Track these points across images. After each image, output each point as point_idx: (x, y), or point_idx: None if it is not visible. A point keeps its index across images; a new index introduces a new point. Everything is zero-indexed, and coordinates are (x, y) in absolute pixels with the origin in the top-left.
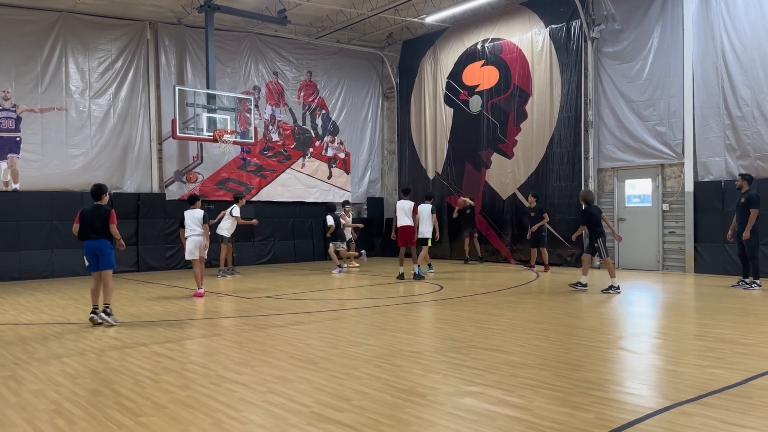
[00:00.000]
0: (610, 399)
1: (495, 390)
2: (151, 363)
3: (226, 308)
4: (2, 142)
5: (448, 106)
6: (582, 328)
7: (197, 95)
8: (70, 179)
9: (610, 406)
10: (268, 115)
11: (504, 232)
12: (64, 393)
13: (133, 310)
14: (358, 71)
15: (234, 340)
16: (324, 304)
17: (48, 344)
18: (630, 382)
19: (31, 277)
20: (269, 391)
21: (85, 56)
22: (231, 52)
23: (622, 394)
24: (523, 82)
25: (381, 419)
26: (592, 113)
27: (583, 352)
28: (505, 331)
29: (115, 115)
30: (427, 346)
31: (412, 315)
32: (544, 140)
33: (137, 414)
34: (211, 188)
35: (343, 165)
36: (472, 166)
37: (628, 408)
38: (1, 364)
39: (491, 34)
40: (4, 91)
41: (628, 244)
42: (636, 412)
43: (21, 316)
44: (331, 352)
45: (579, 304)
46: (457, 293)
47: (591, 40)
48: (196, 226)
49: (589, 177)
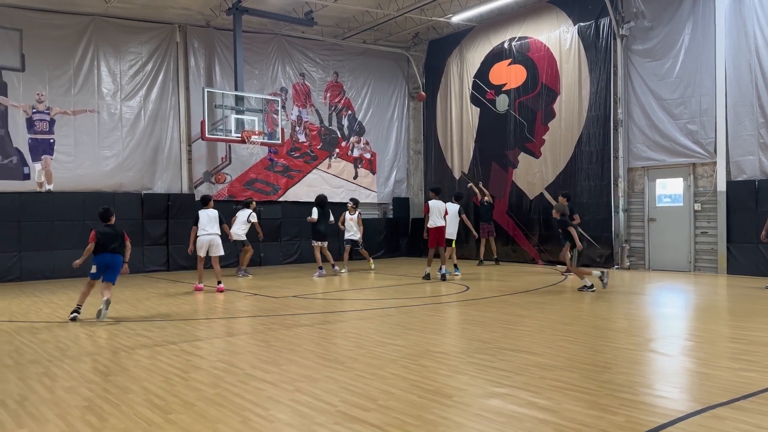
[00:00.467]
0: (640, 402)
1: (522, 392)
2: (181, 361)
3: (253, 307)
4: (37, 144)
5: (474, 105)
6: (611, 329)
7: (226, 97)
8: (102, 180)
9: (640, 409)
10: (295, 116)
11: (531, 232)
12: (95, 390)
13: (163, 309)
14: (384, 71)
15: (261, 339)
16: (350, 303)
17: (80, 342)
18: (661, 384)
19: (63, 276)
20: (296, 390)
21: (117, 59)
22: (259, 54)
23: (652, 397)
24: (550, 81)
25: (407, 419)
26: (621, 112)
27: (613, 354)
28: (533, 333)
29: (146, 117)
30: (454, 347)
31: (439, 315)
32: (573, 139)
33: (167, 411)
34: (239, 188)
35: (369, 165)
36: (498, 165)
37: (658, 411)
38: (35, 360)
39: (518, 32)
40: (39, 94)
41: (658, 245)
42: (666, 415)
43: (54, 314)
44: (358, 352)
45: (609, 305)
46: (484, 294)
47: (620, 37)
48: (211, 225)
49: (619, 176)
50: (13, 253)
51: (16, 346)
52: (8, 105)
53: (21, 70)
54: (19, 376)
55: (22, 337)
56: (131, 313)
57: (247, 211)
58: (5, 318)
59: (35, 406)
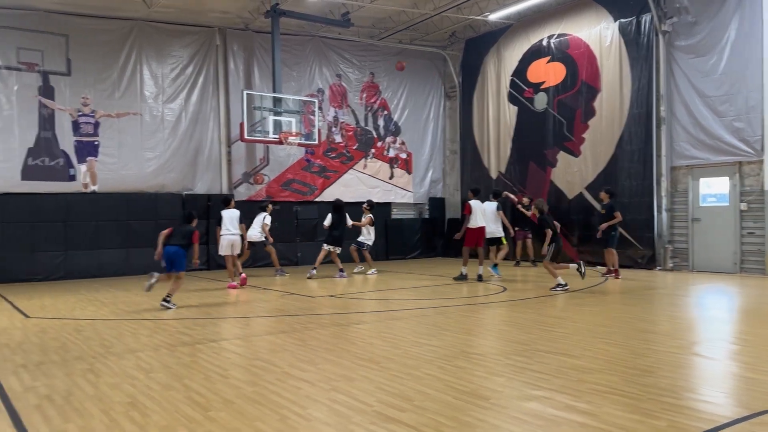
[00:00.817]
0: (684, 406)
1: (561, 395)
2: (220, 359)
3: (290, 306)
4: (82, 146)
5: (512, 104)
6: (654, 332)
7: (264, 99)
8: (145, 181)
9: (684, 413)
10: (332, 117)
11: (570, 233)
12: (138, 386)
13: (204, 307)
14: (420, 71)
15: (298, 338)
16: (386, 303)
17: (124, 339)
18: (705, 389)
19: (108, 275)
20: (333, 389)
21: (159, 62)
22: (296, 56)
23: (696, 401)
24: (590, 78)
25: (443, 421)
26: (664, 109)
27: (655, 358)
28: (572, 335)
29: (187, 119)
30: (490, 348)
31: (475, 316)
32: (614, 138)
33: (207, 409)
34: (276, 189)
35: (405, 165)
36: (536, 165)
37: (703, 416)
38: (80, 357)
39: (557, 29)
40: (84, 97)
41: (702, 246)
42: (712, 420)
43: (99, 312)
44: (393, 352)
45: (651, 307)
46: (521, 295)
47: (663, 33)
48: (233, 225)
49: (662, 175)
50: (59, 252)
51: (62, 342)
52: (55, 108)
53: (67, 74)
54: (65, 372)
55: (67, 334)
56: (172, 312)
57: (263, 214)
58: (52, 315)
59: (80, 401)
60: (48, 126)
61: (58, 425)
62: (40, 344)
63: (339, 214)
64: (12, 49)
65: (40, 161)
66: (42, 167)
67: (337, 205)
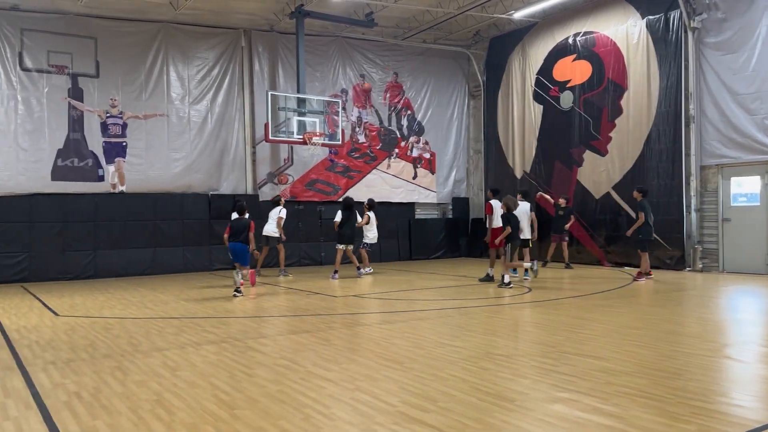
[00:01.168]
0: (714, 410)
1: (588, 397)
2: (245, 357)
3: (314, 306)
4: (110, 147)
5: (537, 102)
6: (683, 334)
7: (288, 99)
8: (172, 181)
9: (714, 418)
10: (355, 117)
11: (597, 232)
12: (165, 384)
13: (229, 306)
14: (444, 70)
15: (322, 337)
16: (409, 304)
17: (151, 337)
18: (736, 393)
19: (135, 274)
20: (356, 389)
21: (185, 64)
22: (320, 57)
23: (727, 405)
24: (617, 76)
25: (468, 422)
26: (693, 107)
27: (684, 360)
28: (599, 337)
29: (213, 120)
30: (515, 350)
31: (500, 317)
32: (641, 136)
33: (232, 407)
34: (300, 189)
35: (429, 165)
36: (562, 164)
37: (733, 420)
38: (108, 355)
39: (583, 27)
40: (112, 99)
41: (733, 247)
42: (743, 425)
43: (126, 311)
44: (417, 352)
45: (680, 309)
46: (547, 296)
47: (691, 30)
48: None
49: (691, 175)
50: (88, 252)
51: (90, 340)
52: (84, 110)
53: (96, 76)
54: (93, 369)
55: (96, 332)
56: (198, 310)
57: (277, 208)
58: (81, 313)
59: (108, 398)
60: (77, 127)
61: (87, 422)
62: (69, 342)
63: (349, 212)
64: (42, 52)
65: (70, 162)
66: (71, 168)
67: (347, 204)
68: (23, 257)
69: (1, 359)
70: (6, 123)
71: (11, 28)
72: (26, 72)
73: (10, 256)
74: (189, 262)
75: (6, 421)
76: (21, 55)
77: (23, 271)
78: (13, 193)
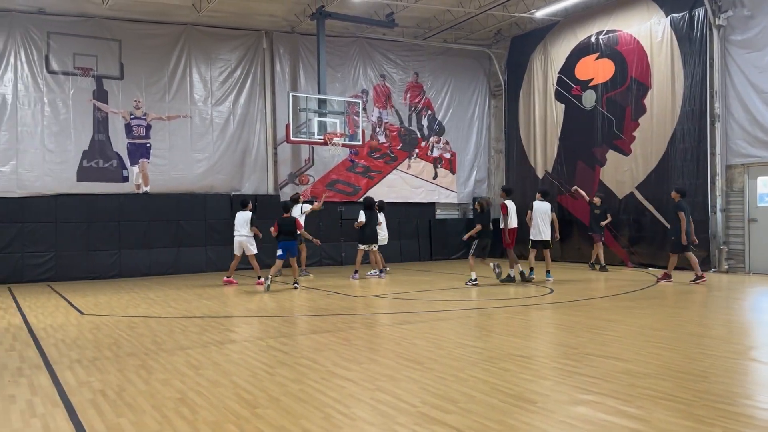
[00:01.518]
0: (740, 414)
1: (611, 399)
2: (267, 356)
3: (335, 306)
4: (135, 148)
5: (559, 102)
6: (708, 336)
7: (309, 100)
8: (195, 182)
9: (739, 421)
10: (375, 118)
11: (620, 233)
12: (188, 383)
13: (251, 305)
14: (465, 70)
15: (343, 337)
16: (430, 304)
17: (174, 336)
18: (762, 396)
19: (159, 273)
20: (377, 389)
21: (207, 66)
22: (341, 57)
23: (753, 408)
24: (641, 75)
25: (489, 424)
26: (718, 106)
27: (709, 363)
28: (622, 338)
29: (235, 121)
30: (537, 351)
31: (521, 318)
32: (666, 135)
33: (254, 406)
34: (321, 189)
35: (449, 165)
36: (585, 164)
37: (759, 424)
38: (133, 353)
39: (606, 26)
40: (136, 101)
41: (759, 247)
42: None
43: (150, 310)
44: (437, 353)
45: (705, 311)
46: (569, 297)
47: (717, 28)
48: (244, 227)
49: (716, 174)
50: (113, 251)
51: (115, 339)
52: (109, 111)
53: (120, 78)
54: (118, 367)
55: (120, 330)
56: (221, 310)
57: (297, 206)
58: (106, 312)
59: (132, 396)
60: (102, 129)
61: (111, 419)
62: (94, 340)
63: (371, 211)
64: (68, 55)
65: (95, 163)
66: (96, 169)
67: (368, 204)
68: (50, 257)
69: (29, 358)
70: (33, 125)
71: (38, 31)
72: (52, 74)
73: (37, 255)
74: (211, 261)
75: (33, 418)
76: (47, 57)
77: (50, 271)
78: (39, 193)
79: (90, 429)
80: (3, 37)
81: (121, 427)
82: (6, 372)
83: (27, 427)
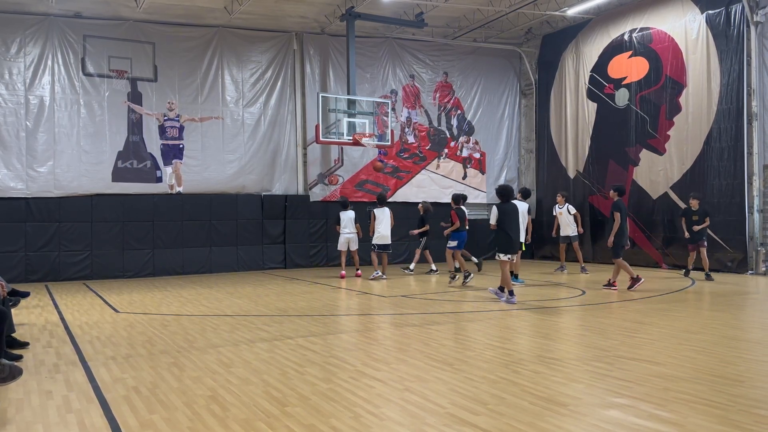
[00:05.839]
0: None
1: (644, 403)
2: (297, 355)
3: (363, 306)
4: (168, 149)
5: (591, 100)
6: (745, 340)
7: (338, 101)
8: (227, 182)
9: None
10: (405, 118)
11: (654, 234)
12: (219, 381)
13: (281, 304)
14: (495, 69)
15: (372, 337)
16: (459, 305)
17: (206, 334)
18: None
19: (192, 272)
20: (406, 389)
21: (239, 68)
22: (370, 58)
23: None
24: (676, 73)
25: (519, 426)
26: (756, 104)
27: (746, 367)
28: (656, 341)
29: (265, 122)
30: (568, 353)
31: (552, 320)
32: (701, 135)
33: (283, 404)
34: (350, 190)
35: (479, 165)
36: (617, 163)
37: None
38: (165, 351)
39: (639, 23)
40: (170, 102)
41: None
42: None
43: (183, 308)
44: (467, 354)
45: (742, 314)
46: (601, 299)
47: (754, 24)
48: (350, 225)
49: (754, 174)
50: (147, 251)
51: (148, 337)
52: (143, 113)
53: (154, 80)
54: (151, 365)
55: (154, 328)
56: (252, 308)
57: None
58: (140, 310)
59: (165, 393)
60: (136, 130)
61: (144, 416)
62: (128, 338)
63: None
64: (104, 58)
65: (129, 164)
66: (131, 169)
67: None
68: (85, 255)
69: (65, 354)
70: (69, 126)
71: (75, 35)
72: (88, 77)
73: (73, 254)
74: (242, 261)
75: (69, 414)
76: (83, 60)
77: (85, 269)
78: (76, 193)
79: (123, 425)
80: (41, 41)
81: (154, 424)
82: (43, 368)
83: (63, 423)
